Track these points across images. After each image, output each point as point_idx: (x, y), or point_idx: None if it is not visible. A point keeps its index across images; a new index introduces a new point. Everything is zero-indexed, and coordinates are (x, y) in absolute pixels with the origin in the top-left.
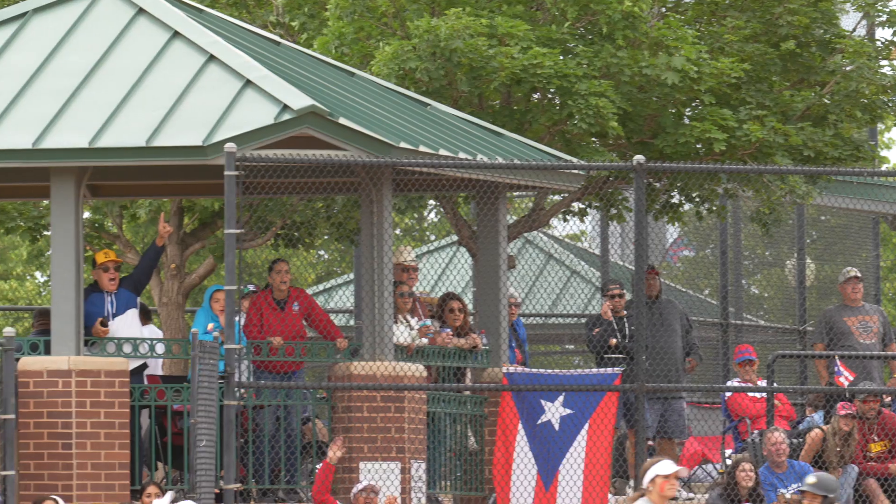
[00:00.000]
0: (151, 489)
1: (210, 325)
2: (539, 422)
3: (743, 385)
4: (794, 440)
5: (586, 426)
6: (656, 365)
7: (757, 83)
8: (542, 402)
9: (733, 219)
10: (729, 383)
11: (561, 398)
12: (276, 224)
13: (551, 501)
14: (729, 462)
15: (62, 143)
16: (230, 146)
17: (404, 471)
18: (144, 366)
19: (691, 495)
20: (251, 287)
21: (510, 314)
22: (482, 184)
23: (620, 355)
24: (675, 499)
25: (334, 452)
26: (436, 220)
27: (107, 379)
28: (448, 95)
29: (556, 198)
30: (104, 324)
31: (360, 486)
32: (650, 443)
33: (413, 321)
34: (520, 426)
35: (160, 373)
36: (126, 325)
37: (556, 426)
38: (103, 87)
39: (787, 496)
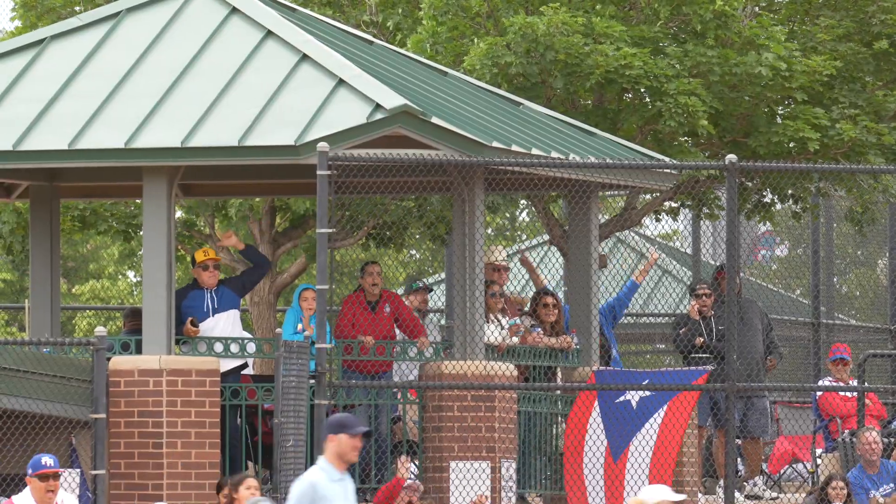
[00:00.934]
0: (251, 482)
1: (300, 326)
2: (617, 401)
3: (832, 384)
4: (886, 440)
5: (664, 408)
6: (739, 364)
7: (850, 83)
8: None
9: (825, 218)
10: (820, 382)
11: (645, 382)
12: (368, 223)
13: (620, 474)
14: (819, 462)
15: (155, 142)
16: (323, 146)
17: (494, 470)
18: (244, 365)
19: (777, 495)
20: (419, 283)
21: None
22: (574, 183)
23: (706, 355)
24: (759, 498)
25: (406, 469)
26: (527, 219)
27: (198, 378)
28: (541, 94)
29: (648, 197)
30: (195, 324)
31: (404, 485)
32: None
33: (504, 321)
34: (596, 404)
35: (251, 372)
36: (229, 323)
37: (634, 405)
38: (196, 86)
39: (880, 499)
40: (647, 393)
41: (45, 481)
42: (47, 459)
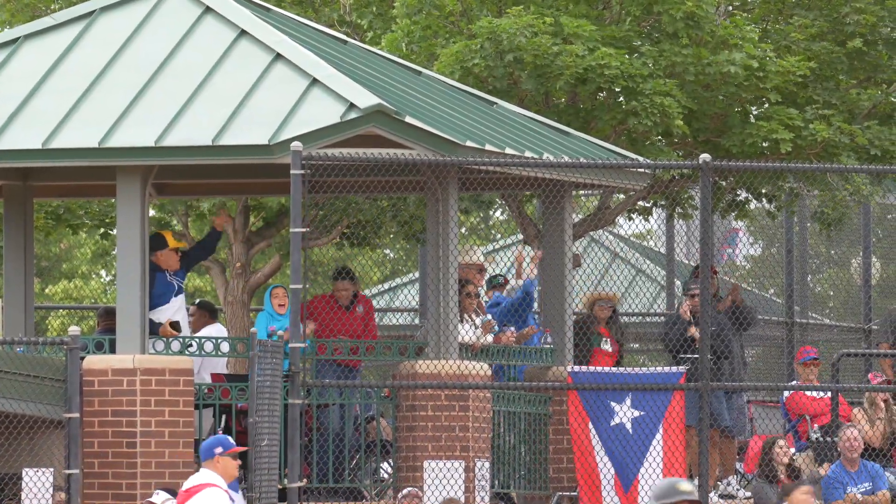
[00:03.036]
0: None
1: (272, 328)
2: (612, 424)
3: (806, 384)
4: None
5: (660, 430)
6: (717, 362)
7: (823, 82)
8: (612, 403)
9: (799, 217)
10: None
11: (629, 399)
12: (342, 223)
13: (633, 502)
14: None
15: (128, 141)
16: (296, 145)
17: (468, 469)
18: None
19: (751, 494)
20: (501, 279)
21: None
22: (548, 182)
23: (696, 356)
24: (733, 497)
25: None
26: (502, 218)
27: (171, 377)
28: (514, 94)
29: (622, 196)
30: (177, 328)
31: (403, 493)
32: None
33: (478, 320)
34: (591, 428)
35: (224, 371)
36: (183, 304)
37: (630, 429)
38: (170, 85)
39: (858, 496)
40: (638, 413)
41: (237, 459)
42: (230, 438)
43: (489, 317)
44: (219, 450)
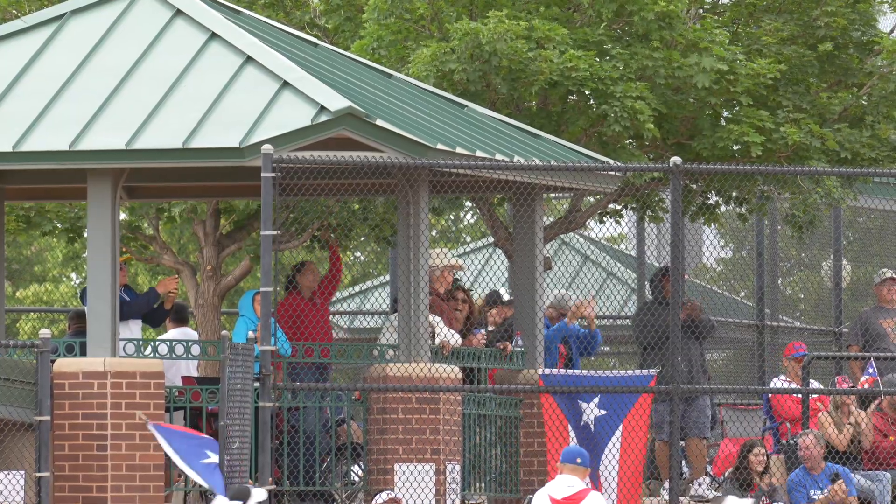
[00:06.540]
0: None
1: (251, 333)
2: (581, 424)
3: (782, 386)
4: None
5: (619, 429)
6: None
7: (794, 85)
8: (580, 402)
9: (769, 220)
10: (773, 381)
11: (596, 399)
12: (313, 226)
13: None
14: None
15: (99, 144)
16: (267, 148)
17: (439, 472)
18: None
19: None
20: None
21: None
22: (519, 185)
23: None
24: (704, 499)
25: None
26: (472, 221)
27: (142, 381)
28: (485, 98)
29: (593, 199)
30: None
31: (383, 497)
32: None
33: (443, 325)
34: (570, 430)
35: (195, 374)
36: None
37: (592, 428)
38: (140, 88)
39: (817, 499)
40: (601, 413)
41: None
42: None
43: (459, 336)
44: (578, 460)
